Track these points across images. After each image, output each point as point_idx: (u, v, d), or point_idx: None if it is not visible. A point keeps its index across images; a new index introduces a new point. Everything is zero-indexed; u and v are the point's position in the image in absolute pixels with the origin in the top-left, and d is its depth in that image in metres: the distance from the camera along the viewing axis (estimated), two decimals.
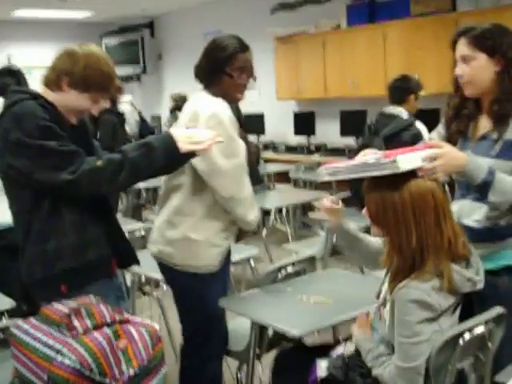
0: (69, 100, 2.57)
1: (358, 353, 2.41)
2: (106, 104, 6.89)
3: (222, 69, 2.96)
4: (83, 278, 2.58)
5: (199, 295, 3.07)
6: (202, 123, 2.88)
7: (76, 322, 2.01)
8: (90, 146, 2.76)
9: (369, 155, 2.33)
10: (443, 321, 2.20)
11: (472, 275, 2.24)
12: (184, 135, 2.58)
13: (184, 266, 3.02)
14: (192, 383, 3.21)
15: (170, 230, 3.02)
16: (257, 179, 6.06)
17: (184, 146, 2.54)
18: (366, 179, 2.29)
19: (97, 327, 2.02)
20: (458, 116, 2.74)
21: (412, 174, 2.21)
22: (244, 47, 3.01)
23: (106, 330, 2.00)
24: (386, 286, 2.38)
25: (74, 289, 2.51)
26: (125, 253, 2.86)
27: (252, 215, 3.03)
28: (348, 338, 2.59)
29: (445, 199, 2.26)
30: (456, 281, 2.19)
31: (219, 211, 2.99)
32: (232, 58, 2.95)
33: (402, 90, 5.09)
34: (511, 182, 2.42)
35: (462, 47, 2.62)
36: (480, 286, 2.27)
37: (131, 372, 1.97)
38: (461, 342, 2.19)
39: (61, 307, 2.10)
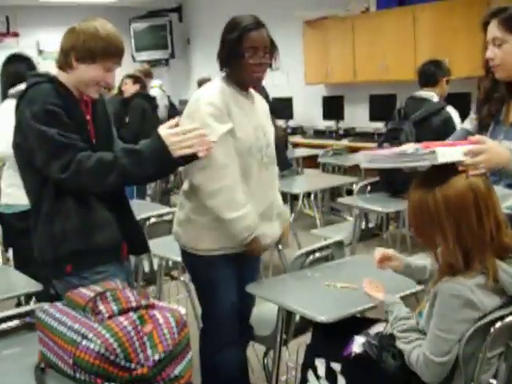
0: (81, 75, 2.60)
1: (393, 334, 2.36)
2: (135, 87, 6.96)
3: (234, 50, 2.86)
4: (90, 260, 2.64)
5: (207, 278, 3.06)
6: (186, 109, 2.91)
7: (101, 307, 2.00)
8: (108, 131, 2.83)
9: (408, 145, 2.27)
10: None
11: None
12: (174, 140, 2.51)
13: (188, 247, 3.04)
14: (208, 367, 3.20)
15: (179, 210, 3.08)
16: (285, 164, 6.04)
17: (176, 151, 2.51)
18: (412, 182, 2.23)
19: (122, 312, 2.00)
20: (489, 99, 2.68)
21: (450, 174, 2.13)
22: (256, 24, 2.87)
23: (132, 314, 1.99)
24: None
25: (81, 270, 2.62)
26: (136, 240, 2.90)
27: (232, 214, 2.84)
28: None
29: (489, 191, 2.15)
30: (502, 279, 2.12)
31: None
32: (242, 37, 2.84)
33: (433, 73, 5.00)
34: None
35: (493, 29, 2.56)
36: None
37: (156, 357, 1.95)
38: (492, 330, 2.14)
39: (86, 291, 2.09)
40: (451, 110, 4.76)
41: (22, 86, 2.73)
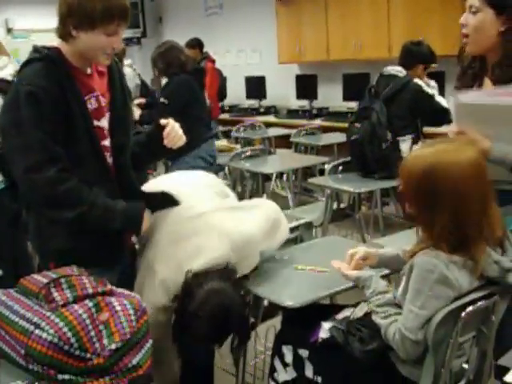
0: (84, 44, 2.34)
1: (361, 318, 2.34)
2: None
3: None
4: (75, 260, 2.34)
5: None
6: None
7: (55, 294, 1.91)
8: (124, 106, 2.62)
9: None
10: None
11: (501, 259, 2.11)
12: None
13: None
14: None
15: None
16: None
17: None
18: None
19: (77, 299, 1.91)
20: (464, 75, 2.69)
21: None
22: None
23: (87, 302, 1.90)
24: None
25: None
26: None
27: None
28: (358, 303, 2.49)
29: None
30: (482, 260, 2.08)
31: None
32: None
33: (412, 55, 4.89)
34: None
35: None
36: None
37: (113, 346, 1.87)
38: (463, 314, 2.08)
39: (40, 278, 1.99)
40: (418, 81, 4.67)
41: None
